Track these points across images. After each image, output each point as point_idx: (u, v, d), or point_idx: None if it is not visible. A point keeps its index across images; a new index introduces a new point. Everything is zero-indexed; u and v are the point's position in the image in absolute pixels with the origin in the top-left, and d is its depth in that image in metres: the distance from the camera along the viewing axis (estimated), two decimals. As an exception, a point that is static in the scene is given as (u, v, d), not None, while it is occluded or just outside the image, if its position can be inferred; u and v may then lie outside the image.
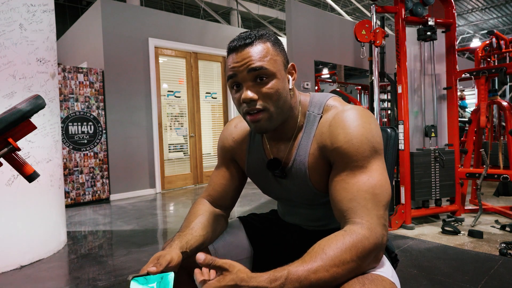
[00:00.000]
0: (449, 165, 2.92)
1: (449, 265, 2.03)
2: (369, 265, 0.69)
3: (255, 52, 0.76)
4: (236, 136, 0.98)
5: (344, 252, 0.65)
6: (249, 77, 0.77)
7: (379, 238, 0.68)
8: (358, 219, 0.70)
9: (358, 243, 0.66)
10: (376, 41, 2.86)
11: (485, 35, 12.92)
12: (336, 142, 0.77)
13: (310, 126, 0.85)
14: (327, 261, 0.64)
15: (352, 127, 0.76)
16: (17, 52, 2.19)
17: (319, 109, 0.85)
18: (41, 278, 2.05)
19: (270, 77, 0.77)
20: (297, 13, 5.09)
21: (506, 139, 3.23)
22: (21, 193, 2.21)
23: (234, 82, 0.79)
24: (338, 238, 0.67)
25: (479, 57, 4.28)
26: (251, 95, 0.77)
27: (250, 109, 0.78)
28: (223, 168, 1.00)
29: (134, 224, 3.22)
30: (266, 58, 0.77)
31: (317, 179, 0.84)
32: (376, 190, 0.72)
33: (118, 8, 4.52)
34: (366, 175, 0.74)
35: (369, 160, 0.75)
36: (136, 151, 4.61)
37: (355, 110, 0.79)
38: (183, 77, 5.20)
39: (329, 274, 0.64)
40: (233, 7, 9.32)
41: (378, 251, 0.69)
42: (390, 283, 0.68)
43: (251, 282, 0.61)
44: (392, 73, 3.71)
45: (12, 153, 0.74)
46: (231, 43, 0.80)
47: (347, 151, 0.75)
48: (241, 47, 0.77)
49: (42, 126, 2.35)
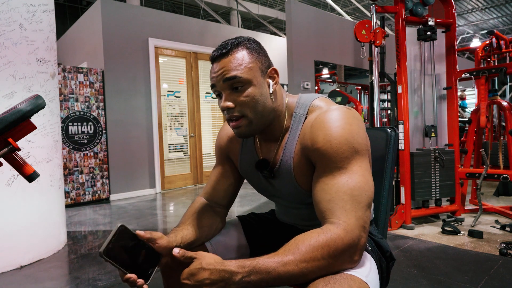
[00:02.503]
0: (449, 165, 2.92)
1: (449, 265, 2.03)
2: (342, 265, 0.68)
3: (230, 62, 0.79)
4: (231, 135, 1.00)
5: (315, 249, 0.66)
6: (225, 86, 0.80)
7: (355, 240, 0.68)
8: (335, 219, 0.70)
9: (331, 242, 0.66)
10: (376, 41, 2.86)
11: (485, 35, 12.91)
12: (316, 143, 0.77)
13: (296, 127, 0.85)
14: (298, 255, 0.65)
15: (332, 127, 0.76)
16: (17, 52, 2.19)
17: (304, 109, 0.86)
18: (41, 278, 2.05)
19: (246, 85, 0.79)
20: (297, 13, 5.09)
21: (506, 139, 3.23)
22: (21, 193, 2.21)
23: (215, 91, 0.83)
24: (313, 235, 0.68)
25: (479, 57, 4.28)
26: (227, 104, 0.80)
27: (230, 116, 0.82)
28: (220, 166, 1.02)
29: (134, 224, 3.21)
30: (241, 67, 0.79)
31: (302, 179, 0.85)
32: (355, 192, 0.72)
33: (118, 8, 4.52)
34: (346, 176, 0.73)
35: (349, 161, 0.74)
36: (136, 151, 4.61)
37: (338, 110, 0.79)
38: (183, 77, 5.20)
39: (298, 269, 0.65)
40: (233, 7, 9.32)
41: (353, 252, 0.69)
42: (360, 282, 0.68)
43: (217, 265, 0.64)
44: (392, 73, 3.71)
45: (12, 153, 0.74)
46: (212, 53, 0.83)
47: (326, 153, 0.75)
48: (218, 57, 0.80)
49: (42, 126, 2.35)
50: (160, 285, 0.90)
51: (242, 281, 0.64)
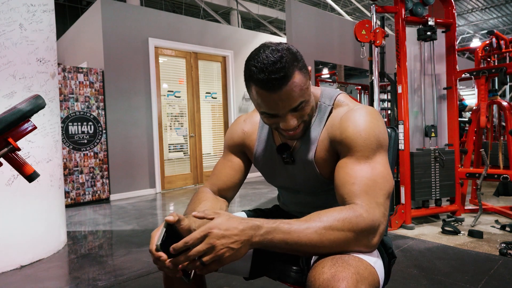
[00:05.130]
0: (449, 165, 2.92)
1: (449, 265, 2.02)
2: (360, 244, 0.70)
3: (292, 91, 0.76)
4: (246, 128, 1.04)
5: (337, 220, 0.68)
6: (289, 112, 0.81)
7: (375, 222, 0.70)
8: (358, 201, 0.73)
9: (353, 218, 0.69)
10: (376, 41, 2.86)
11: (485, 35, 12.91)
12: (345, 132, 0.82)
13: (321, 115, 0.90)
14: (319, 223, 0.68)
15: (362, 121, 0.82)
16: (17, 52, 2.19)
17: (330, 100, 0.91)
18: (41, 278, 2.05)
19: (306, 103, 0.82)
20: (297, 13, 5.09)
21: (506, 139, 3.23)
22: (21, 193, 2.21)
23: (273, 115, 0.81)
24: (335, 210, 0.71)
25: (479, 57, 4.27)
26: (295, 124, 0.82)
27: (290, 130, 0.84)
28: (229, 159, 1.04)
29: (134, 224, 3.22)
30: (302, 91, 0.79)
31: (322, 166, 0.89)
32: (379, 179, 0.76)
33: (118, 8, 4.52)
34: (370, 165, 0.78)
35: (374, 152, 0.79)
36: (136, 151, 4.61)
37: (366, 108, 0.85)
38: (183, 77, 5.20)
39: (317, 236, 0.67)
40: (233, 7, 9.32)
41: (372, 233, 0.70)
42: (368, 266, 0.68)
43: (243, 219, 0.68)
44: (392, 73, 3.71)
45: (12, 153, 0.74)
46: (259, 75, 0.75)
47: (354, 142, 0.80)
48: (275, 87, 0.75)
49: (42, 126, 2.35)
50: (160, 285, 0.90)
51: (265, 236, 0.67)
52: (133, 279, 1.98)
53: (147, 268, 2.12)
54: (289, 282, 0.93)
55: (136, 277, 2.00)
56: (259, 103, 0.80)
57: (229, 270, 1.00)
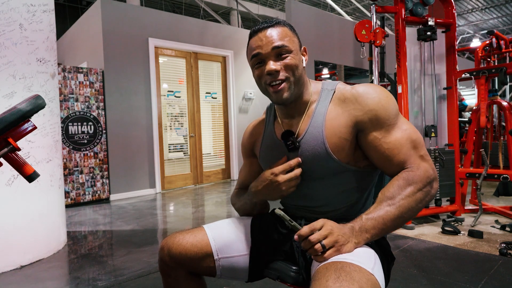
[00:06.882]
0: (449, 165, 2.91)
1: (449, 265, 2.02)
2: (428, 198, 0.84)
3: (277, 33, 0.90)
4: (253, 131, 1.12)
5: (401, 187, 0.82)
6: (272, 53, 0.89)
7: (428, 170, 0.84)
8: (407, 165, 0.85)
9: (410, 177, 0.82)
10: (376, 41, 2.86)
11: (485, 35, 12.91)
12: (367, 106, 0.88)
13: (325, 97, 0.95)
14: (390, 201, 0.81)
15: (375, 92, 0.89)
16: (17, 52, 2.19)
17: (332, 87, 0.97)
18: (41, 278, 2.05)
19: (289, 54, 0.89)
20: (297, 13, 5.09)
21: (506, 139, 3.23)
22: (21, 193, 2.21)
23: (258, 59, 0.91)
24: (395, 182, 0.84)
25: (479, 57, 4.28)
26: (274, 67, 0.88)
27: (273, 80, 0.89)
28: (245, 163, 1.17)
29: (134, 224, 3.22)
30: (286, 38, 0.90)
31: (334, 141, 0.89)
32: (413, 136, 0.87)
33: (118, 8, 4.52)
34: (400, 129, 0.88)
35: (396, 117, 0.88)
36: (136, 151, 4.61)
37: (370, 84, 0.93)
38: (183, 77, 5.20)
39: (397, 211, 0.80)
40: (233, 7, 9.31)
41: (431, 180, 0.84)
42: (369, 275, 0.71)
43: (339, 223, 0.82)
44: (392, 73, 3.71)
45: (12, 153, 0.74)
46: (254, 27, 0.93)
47: (378, 113, 0.87)
48: (264, 28, 0.90)
49: (42, 126, 2.35)
50: (160, 285, 0.89)
51: (362, 232, 0.79)
52: (133, 279, 1.98)
53: (147, 268, 2.12)
54: (289, 282, 0.94)
55: (136, 277, 2.00)
56: (250, 50, 0.92)
57: (229, 276, 1.01)
